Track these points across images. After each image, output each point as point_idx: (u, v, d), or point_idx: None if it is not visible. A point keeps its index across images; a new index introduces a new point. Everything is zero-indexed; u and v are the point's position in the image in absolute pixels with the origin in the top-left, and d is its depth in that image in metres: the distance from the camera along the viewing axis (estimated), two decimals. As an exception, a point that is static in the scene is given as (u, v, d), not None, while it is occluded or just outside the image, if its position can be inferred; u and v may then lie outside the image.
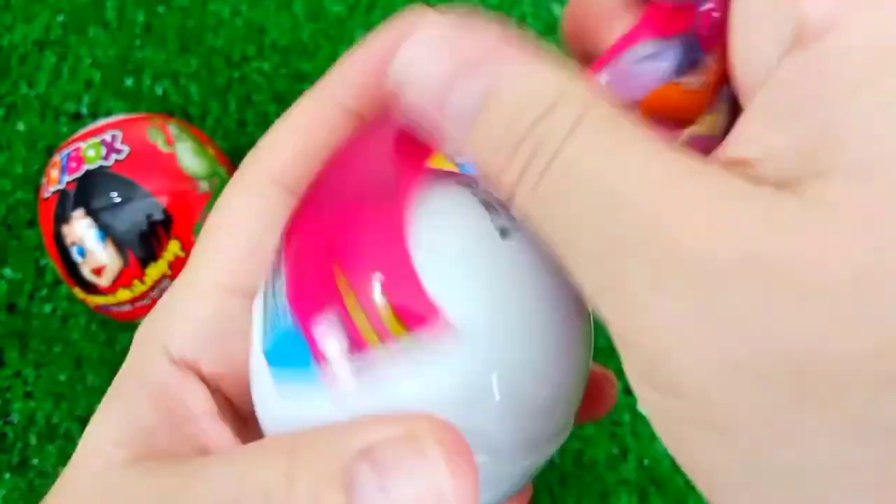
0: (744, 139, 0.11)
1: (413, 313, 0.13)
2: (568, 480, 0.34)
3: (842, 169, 0.10)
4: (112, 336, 0.35)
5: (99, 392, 0.18)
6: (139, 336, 0.16)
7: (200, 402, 0.15)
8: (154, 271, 0.30)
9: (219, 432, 0.15)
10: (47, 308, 0.36)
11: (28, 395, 0.35)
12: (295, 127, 0.16)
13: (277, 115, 0.16)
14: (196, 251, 0.16)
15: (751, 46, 0.12)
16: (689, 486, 0.34)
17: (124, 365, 0.16)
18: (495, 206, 0.15)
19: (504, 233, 0.14)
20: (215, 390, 0.16)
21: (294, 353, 0.13)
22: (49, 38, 0.40)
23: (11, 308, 0.36)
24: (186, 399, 0.15)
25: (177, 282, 0.16)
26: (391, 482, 0.12)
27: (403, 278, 0.13)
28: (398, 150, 0.14)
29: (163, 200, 0.30)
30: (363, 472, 0.12)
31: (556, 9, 0.42)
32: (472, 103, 0.12)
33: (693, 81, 0.14)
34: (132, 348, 0.16)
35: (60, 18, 0.41)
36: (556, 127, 0.11)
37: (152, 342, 0.16)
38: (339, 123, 0.16)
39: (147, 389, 0.15)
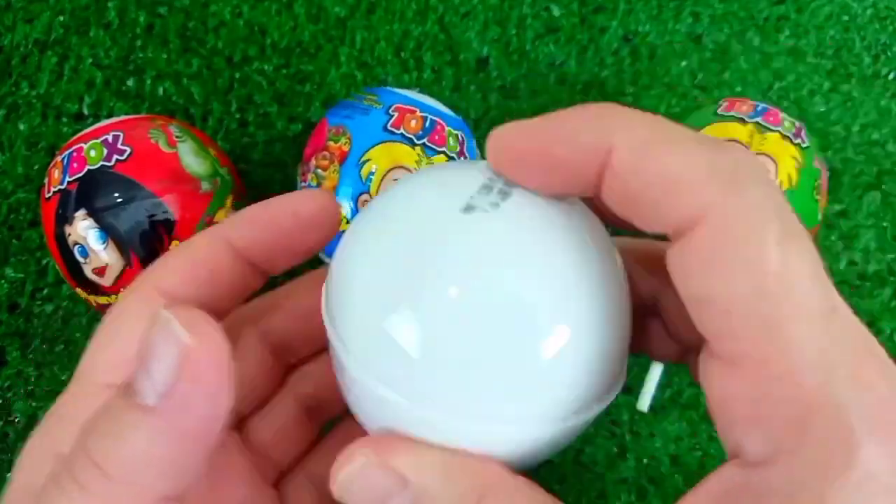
0: None
1: None
2: (567, 479, 0.34)
3: None
4: (113, 335, 0.36)
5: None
6: (29, 448, 0.17)
7: None
8: (155, 271, 0.30)
9: None
10: (49, 308, 0.36)
11: (30, 395, 0.35)
12: (187, 255, 0.19)
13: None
14: (86, 353, 0.18)
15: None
16: (688, 485, 0.34)
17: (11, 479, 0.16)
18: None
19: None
20: None
21: None
22: (50, 38, 0.40)
23: (13, 308, 0.36)
24: None
25: (69, 387, 0.17)
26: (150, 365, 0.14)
27: None
28: None
29: (165, 201, 0.30)
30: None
31: (556, 9, 0.42)
32: None
33: None
34: (21, 462, 0.17)
35: (62, 19, 0.41)
36: None
37: (42, 453, 0.16)
38: (226, 260, 0.19)
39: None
